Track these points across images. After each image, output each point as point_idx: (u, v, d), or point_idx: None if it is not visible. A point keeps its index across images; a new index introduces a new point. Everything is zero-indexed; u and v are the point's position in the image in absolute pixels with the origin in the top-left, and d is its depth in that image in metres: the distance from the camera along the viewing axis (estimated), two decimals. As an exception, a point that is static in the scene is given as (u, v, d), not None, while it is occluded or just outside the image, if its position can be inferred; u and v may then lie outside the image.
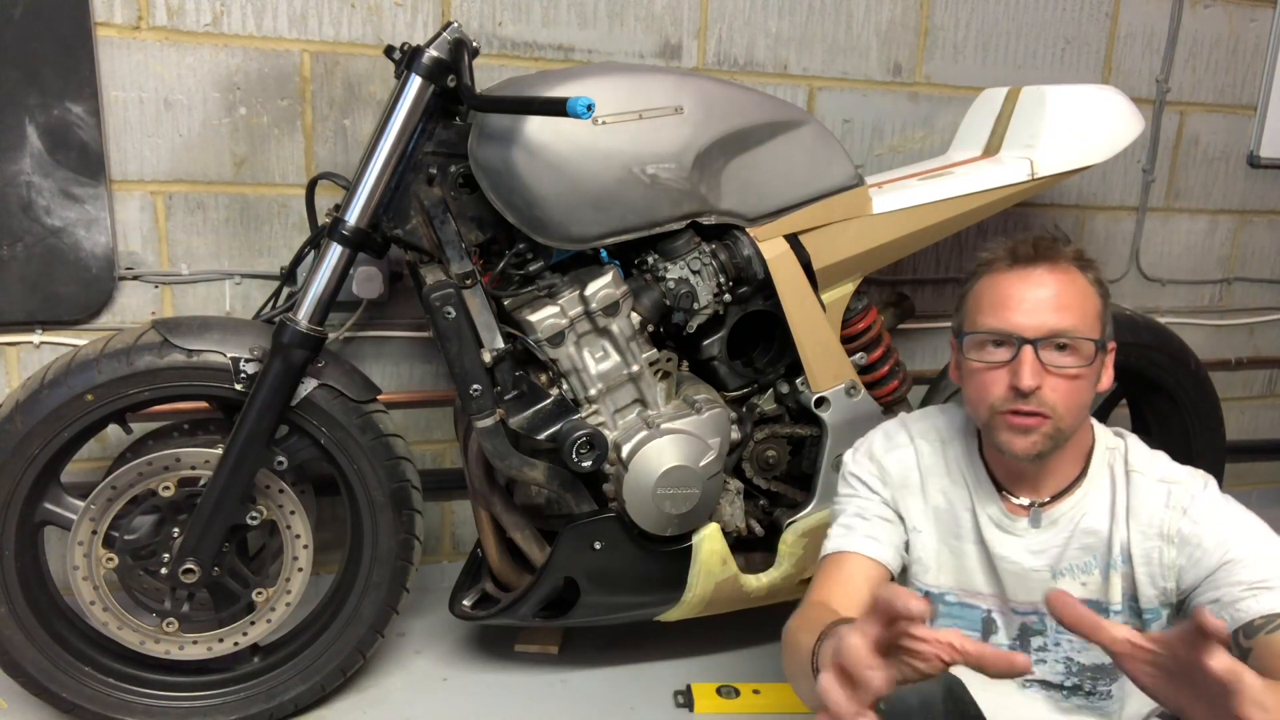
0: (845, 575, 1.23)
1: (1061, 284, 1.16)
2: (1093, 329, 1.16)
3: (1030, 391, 1.13)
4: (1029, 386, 1.12)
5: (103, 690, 1.65)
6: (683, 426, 1.67)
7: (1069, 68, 2.34)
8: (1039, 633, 1.24)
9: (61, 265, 1.83)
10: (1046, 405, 1.14)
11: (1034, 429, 1.15)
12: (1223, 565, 1.11)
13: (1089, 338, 1.15)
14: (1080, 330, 1.15)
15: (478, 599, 1.84)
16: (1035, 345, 1.14)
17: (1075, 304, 1.16)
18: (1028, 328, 1.14)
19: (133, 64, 1.82)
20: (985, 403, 1.18)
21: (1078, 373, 1.15)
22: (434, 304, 1.55)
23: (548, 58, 2.02)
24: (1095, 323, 1.17)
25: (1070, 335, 1.14)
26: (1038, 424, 1.15)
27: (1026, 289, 1.16)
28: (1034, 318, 1.14)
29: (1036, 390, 1.13)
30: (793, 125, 1.72)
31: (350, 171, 1.66)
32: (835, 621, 0.97)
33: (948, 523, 1.28)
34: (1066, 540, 1.21)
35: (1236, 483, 2.74)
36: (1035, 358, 1.13)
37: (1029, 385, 1.12)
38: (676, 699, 1.85)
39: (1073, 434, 1.18)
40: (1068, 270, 1.17)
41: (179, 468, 1.59)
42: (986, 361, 1.17)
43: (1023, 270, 1.17)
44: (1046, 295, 1.15)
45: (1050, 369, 1.14)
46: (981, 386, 1.18)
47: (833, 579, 1.23)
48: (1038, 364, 1.13)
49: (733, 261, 1.70)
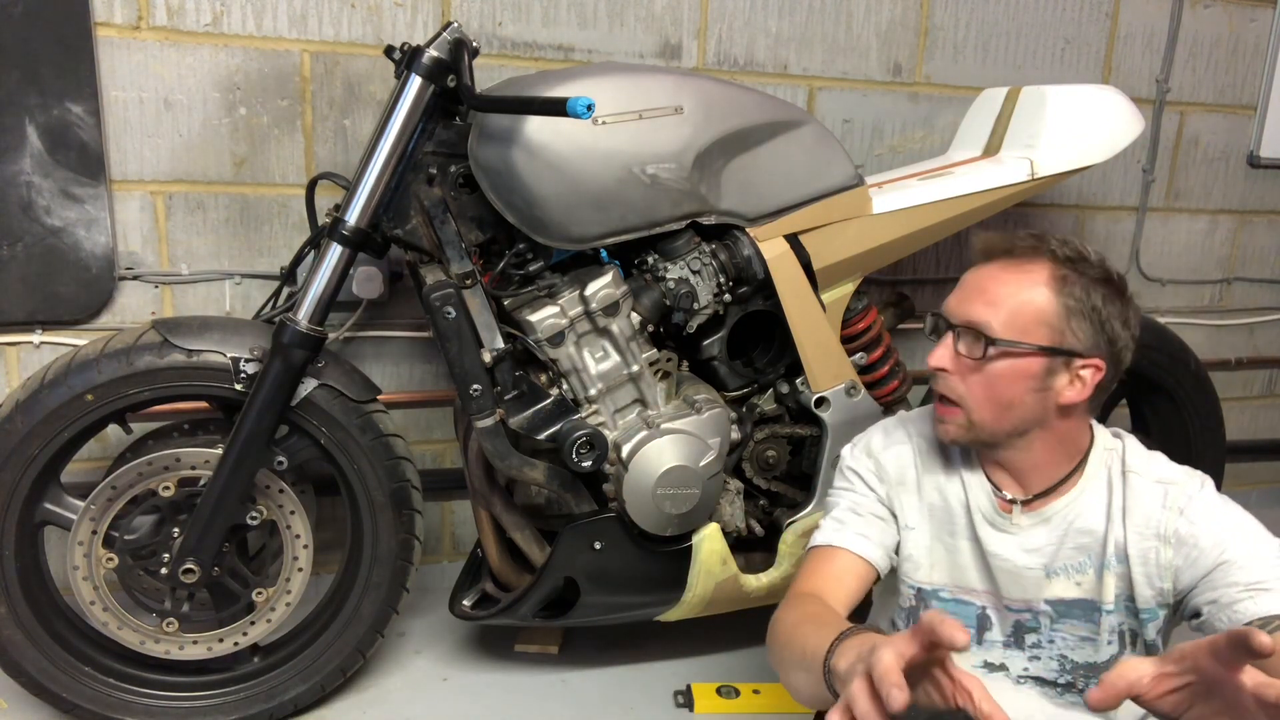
0: (836, 571, 1.23)
1: (1005, 280, 1.18)
2: (1013, 331, 1.15)
3: (935, 370, 1.19)
4: (933, 364, 1.19)
5: (103, 690, 1.65)
6: (683, 426, 1.67)
7: (1069, 68, 2.34)
8: (1033, 630, 1.25)
9: (61, 265, 1.83)
10: (955, 394, 1.19)
11: (947, 419, 1.22)
12: (1219, 566, 1.11)
13: (998, 338, 1.15)
14: (994, 329, 1.15)
15: (478, 599, 1.84)
16: (956, 331, 1.19)
17: (1006, 303, 1.16)
18: (954, 312, 1.20)
19: (133, 64, 1.82)
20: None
21: (974, 365, 1.17)
22: (434, 304, 1.55)
23: (548, 58, 2.02)
24: (1028, 326, 1.15)
25: (981, 328, 1.16)
26: (951, 414, 1.21)
27: (973, 277, 1.21)
28: (962, 305, 1.19)
29: (944, 373, 1.19)
30: (793, 125, 1.72)
31: (350, 171, 1.66)
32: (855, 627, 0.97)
33: (942, 520, 1.28)
34: (1060, 539, 1.22)
35: (1236, 483, 2.74)
36: (951, 341, 1.19)
37: (933, 363, 1.19)
38: (676, 699, 1.85)
39: (995, 431, 1.20)
40: (1028, 270, 1.17)
41: (179, 468, 1.59)
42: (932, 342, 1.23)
43: (984, 261, 1.22)
44: (984, 287, 1.19)
45: (960, 355, 1.18)
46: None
47: (821, 573, 1.23)
48: (950, 348, 1.19)
49: (733, 261, 1.70)
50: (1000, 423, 1.19)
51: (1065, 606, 1.22)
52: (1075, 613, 1.22)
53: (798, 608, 1.13)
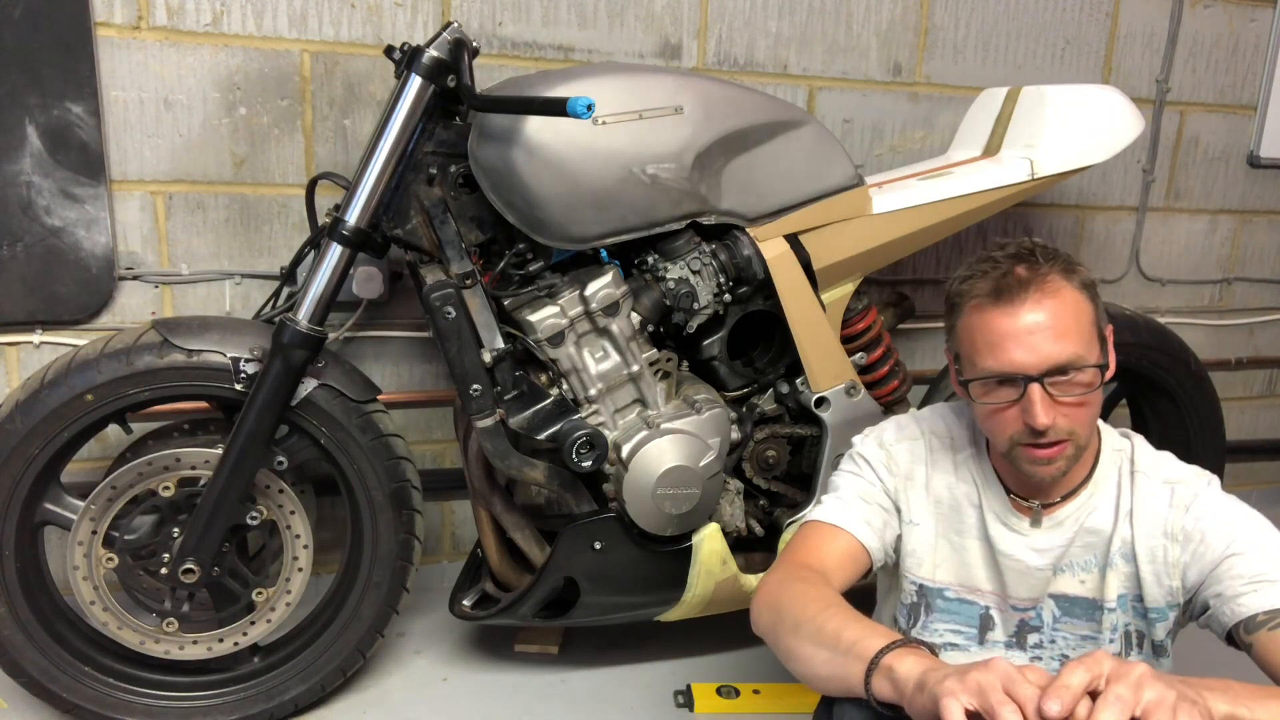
0: (836, 551, 1.22)
1: (1053, 308, 1.11)
2: (1092, 347, 1.13)
3: (1044, 428, 1.11)
4: (1044, 425, 1.10)
5: (103, 690, 1.65)
6: (683, 426, 1.67)
7: (1069, 68, 2.34)
8: (1036, 629, 1.25)
9: (61, 265, 1.83)
10: (1064, 432, 1.12)
11: (1055, 457, 1.14)
12: (1225, 560, 1.11)
13: (1093, 364, 1.12)
14: (1083, 357, 1.11)
15: (478, 599, 1.84)
16: (1041, 381, 1.10)
17: (1071, 327, 1.11)
18: (1030, 365, 1.10)
19: (133, 64, 1.82)
20: (1003, 437, 1.16)
21: (1087, 399, 1.12)
22: (434, 304, 1.55)
23: (548, 58, 2.02)
24: (1093, 339, 1.14)
25: (1074, 365, 1.10)
26: (1059, 452, 1.14)
27: (1020, 323, 1.11)
28: (1034, 354, 1.10)
29: (1050, 427, 1.11)
30: (793, 125, 1.72)
31: (350, 171, 1.66)
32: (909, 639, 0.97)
33: (949, 518, 1.29)
34: (1070, 540, 1.22)
35: (1236, 483, 2.74)
36: (1045, 394, 1.10)
37: (1044, 424, 1.10)
38: (676, 699, 1.85)
39: (1090, 441, 1.18)
40: (1056, 286, 1.12)
41: (179, 468, 1.59)
42: (996, 403, 1.14)
43: (1011, 302, 1.12)
44: (1042, 325, 1.10)
45: (1060, 400, 1.11)
46: (998, 426, 1.16)
47: (823, 549, 1.22)
48: (1048, 400, 1.10)
49: (733, 261, 1.70)
50: (1091, 434, 1.18)
51: (1068, 603, 1.23)
52: (1077, 611, 1.23)
53: (812, 584, 1.12)
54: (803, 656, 1.04)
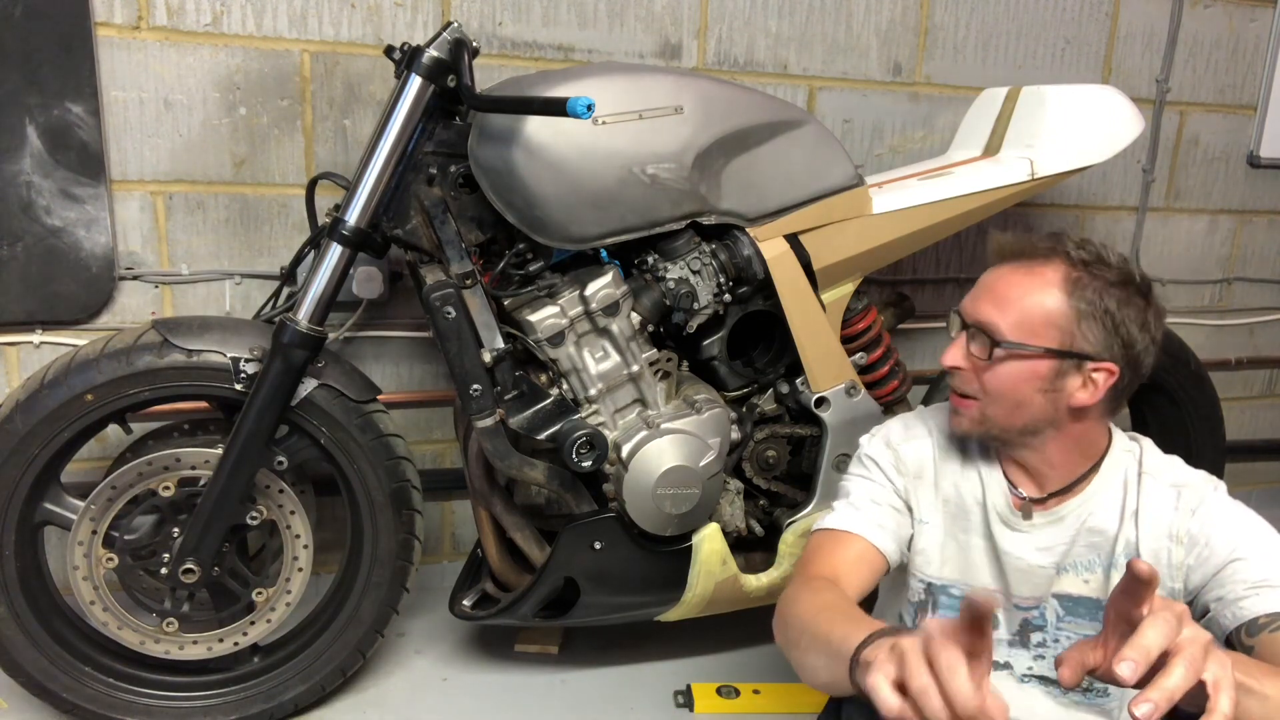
0: (850, 556, 1.22)
1: (1016, 281, 1.19)
2: (1026, 333, 1.16)
3: (948, 370, 1.23)
4: (944, 362, 1.23)
5: (103, 690, 1.65)
6: (683, 426, 1.67)
7: (1069, 68, 2.34)
8: (1039, 628, 1.25)
9: (61, 265, 1.83)
10: (969, 389, 1.22)
11: (961, 411, 1.24)
12: (1228, 564, 1.12)
13: (1007, 342, 1.17)
14: (999, 330, 1.17)
15: (478, 599, 1.84)
16: (969, 330, 1.21)
17: (1014, 304, 1.18)
18: (965, 310, 1.23)
19: (133, 64, 1.82)
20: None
21: (990, 368, 1.19)
22: (434, 304, 1.55)
23: (548, 58, 2.02)
24: (1038, 329, 1.16)
25: (988, 330, 1.18)
26: (966, 408, 1.23)
27: (988, 279, 1.23)
28: (973, 304, 1.22)
29: (956, 370, 1.22)
30: (793, 125, 1.72)
31: (350, 171, 1.66)
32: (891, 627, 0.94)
33: (957, 515, 1.29)
34: (1073, 538, 1.22)
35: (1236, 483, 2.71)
36: (964, 341, 1.22)
37: (945, 361, 1.23)
38: (676, 699, 1.85)
39: (1007, 427, 1.21)
40: (1043, 272, 1.18)
41: (179, 468, 1.59)
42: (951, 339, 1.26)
43: (1001, 262, 1.23)
44: (995, 288, 1.20)
45: (971, 354, 1.21)
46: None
47: (836, 557, 1.22)
48: (961, 346, 1.22)
49: (733, 261, 1.70)
50: (1012, 420, 1.20)
51: (1072, 603, 1.23)
52: (1081, 611, 1.23)
53: (817, 593, 1.12)
54: (808, 667, 1.04)
